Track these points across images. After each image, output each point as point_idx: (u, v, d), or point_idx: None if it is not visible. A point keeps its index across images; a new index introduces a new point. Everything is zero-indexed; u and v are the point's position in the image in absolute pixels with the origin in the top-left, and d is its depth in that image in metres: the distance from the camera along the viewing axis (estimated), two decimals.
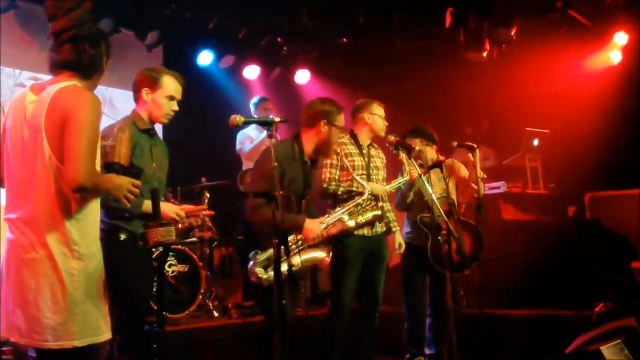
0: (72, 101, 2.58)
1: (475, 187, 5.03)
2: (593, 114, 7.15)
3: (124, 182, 2.76)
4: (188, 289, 5.68)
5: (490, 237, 5.66)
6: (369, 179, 4.71)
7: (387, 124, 4.91)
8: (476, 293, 5.25)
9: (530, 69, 7.49)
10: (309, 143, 4.22)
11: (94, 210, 2.70)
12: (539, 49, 7.38)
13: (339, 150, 4.66)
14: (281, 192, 3.53)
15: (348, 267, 4.57)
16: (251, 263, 3.96)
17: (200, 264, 5.83)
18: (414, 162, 4.60)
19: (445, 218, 4.34)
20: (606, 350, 3.94)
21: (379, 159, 4.92)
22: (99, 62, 2.77)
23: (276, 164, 3.54)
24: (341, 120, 4.30)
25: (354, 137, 4.86)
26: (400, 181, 4.88)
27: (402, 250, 4.99)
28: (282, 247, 3.51)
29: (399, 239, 4.97)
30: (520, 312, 5.80)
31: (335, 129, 4.24)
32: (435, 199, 4.52)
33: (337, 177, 4.67)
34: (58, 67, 2.71)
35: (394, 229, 4.93)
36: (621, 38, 7.37)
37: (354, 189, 4.59)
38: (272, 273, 3.87)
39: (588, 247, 6.35)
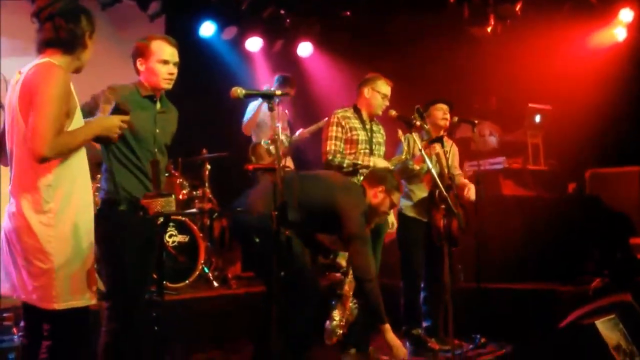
0: (39, 77, 2.70)
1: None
2: (596, 90, 7.12)
3: (113, 122, 2.91)
4: (188, 259, 5.73)
5: (490, 212, 5.69)
6: (371, 154, 4.74)
7: (387, 103, 4.86)
8: (474, 267, 5.28)
9: (534, 45, 7.45)
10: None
11: (70, 178, 2.78)
12: (543, 25, 7.33)
13: (343, 123, 4.70)
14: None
15: None
16: (327, 324, 4.15)
17: (200, 235, 5.87)
18: (414, 136, 4.55)
19: (445, 193, 4.35)
20: (600, 324, 3.96)
21: (379, 135, 4.93)
22: (79, 37, 2.83)
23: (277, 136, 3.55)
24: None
25: (357, 111, 4.86)
26: (400, 159, 4.87)
27: (394, 229, 5.00)
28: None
29: (392, 219, 4.97)
30: (518, 286, 5.83)
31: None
32: (435, 173, 4.49)
33: (341, 150, 4.68)
34: (41, 46, 2.82)
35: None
36: (626, 15, 7.32)
37: (359, 162, 4.63)
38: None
39: (587, 223, 6.38)
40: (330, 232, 4.24)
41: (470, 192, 5.08)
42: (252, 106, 6.64)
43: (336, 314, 4.16)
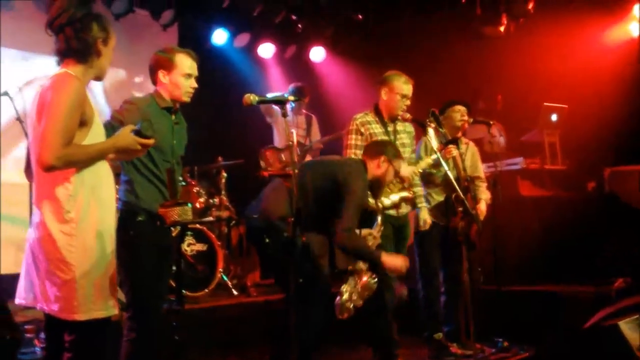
0: (52, 87, 2.71)
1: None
2: (612, 87, 7.04)
3: (131, 144, 2.85)
4: (206, 267, 5.73)
5: (508, 213, 5.65)
6: None
7: (408, 102, 4.70)
8: (493, 269, 5.23)
9: (547, 43, 7.38)
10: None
11: (89, 187, 2.77)
12: (556, 23, 7.26)
13: (362, 130, 4.61)
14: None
15: (386, 244, 4.50)
16: (337, 299, 4.09)
17: (218, 243, 5.87)
18: (429, 138, 4.52)
19: (462, 196, 4.32)
20: (624, 325, 3.92)
21: (405, 134, 4.79)
22: (91, 45, 2.81)
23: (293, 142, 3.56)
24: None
25: (378, 112, 4.71)
26: (428, 162, 4.74)
27: (427, 226, 4.88)
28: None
29: (425, 216, 4.86)
30: (538, 288, 5.78)
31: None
32: (451, 175, 4.44)
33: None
34: (58, 57, 2.82)
35: (419, 205, 4.84)
36: None
37: None
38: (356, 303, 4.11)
39: (607, 223, 6.30)
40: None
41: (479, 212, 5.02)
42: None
43: (345, 289, 4.07)
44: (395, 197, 4.42)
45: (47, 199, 2.73)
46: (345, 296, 4.03)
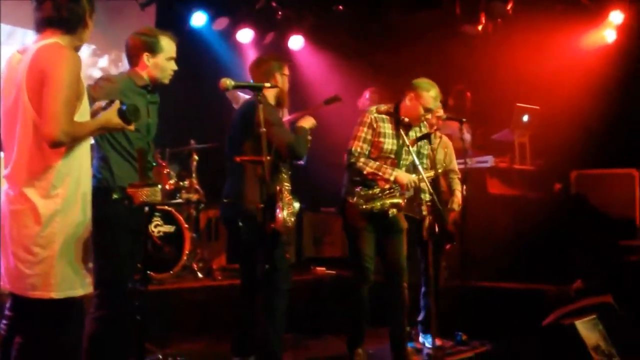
0: (50, 59, 2.64)
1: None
2: (584, 92, 7.15)
3: (116, 125, 2.86)
4: (173, 249, 5.72)
5: (476, 210, 5.71)
6: (398, 165, 4.53)
7: (429, 117, 4.59)
8: (459, 265, 5.31)
9: (524, 45, 7.47)
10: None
11: (77, 162, 2.75)
12: (534, 25, 7.35)
13: (375, 126, 4.49)
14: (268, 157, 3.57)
15: (359, 234, 4.52)
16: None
17: (186, 225, 5.86)
18: (402, 132, 4.52)
19: (431, 190, 4.35)
20: (580, 324, 4.01)
21: (425, 146, 4.64)
22: (81, 16, 2.78)
23: (264, 129, 3.56)
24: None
25: (396, 112, 4.50)
26: (430, 175, 4.54)
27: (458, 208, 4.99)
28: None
29: (457, 200, 4.93)
30: (502, 285, 5.87)
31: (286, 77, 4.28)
32: (422, 170, 4.45)
33: (366, 153, 4.50)
34: (41, 25, 2.76)
35: (424, 212, 4.75)
36: (616, 17, 7.36)
37: (379, 173, 4.44)
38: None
39: (571, 224, 6.42)
40: None
41: (454, 204, 5.10)
42: None
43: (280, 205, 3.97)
44: (386, 203, 4.41)
45: (33, 173, 2.67)
46: (285, 212, 3.96)
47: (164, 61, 3.59)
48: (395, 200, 4.43)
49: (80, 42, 2.84)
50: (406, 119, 4.46)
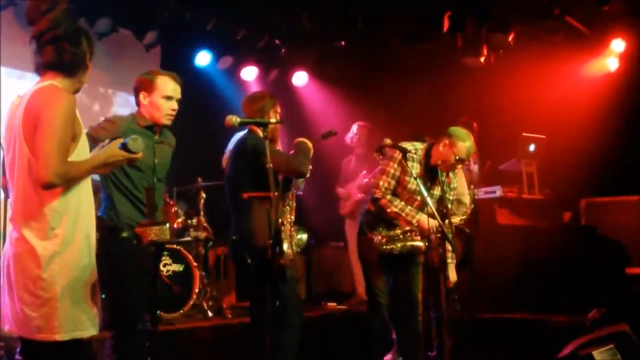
0: (44, 101, 2.66)
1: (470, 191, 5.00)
2: (589, 120, 7.17)
3: (119, 159, 2.84)
4: (182, 288, 5.69)
5: (485, 241, 5.68)
6: (421, 208, 4.51)
7: (459, 166, 4.55)
8: (469, 297, 5.25)
9: (527, 75, 7.52)
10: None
11: (74, 202, 2.74)
12: (536, 55, 7.41)
13: (403, 163, 4.45)
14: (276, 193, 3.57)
15: (373, 267, 4.56)
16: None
17: (195, 264, 5.83)
18: (408, 164, 4.51)
19: (440, 221, 4.32)
20: (598, 354, 3.95)
21: (448, 188, 4.60)
22: (81, 59, 2.82)
23: (271, 165, 3.57)
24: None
25: (427, 156, 4.46)
26: (456, 220, 4.56)
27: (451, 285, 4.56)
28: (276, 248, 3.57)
29: (452, 275, 4.53)
30: (514, 316, 5.80)
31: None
32: (430, 201, 4.43)
33: (392, 189, 4.50)
34: (42, 69, 2.79)
35: (448, 259, 4.51)
36: (618, 45, 7.40)
37: (403, 214, 4.45)
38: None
39: (582, 253, 6.36)
40: None
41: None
42: None
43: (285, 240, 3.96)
44: (407, 245, 4.45)
45: (30, 214, 2.67)
46: (286, 245, 3.94)
47: (159, 100, 3.60)
48: (416, 244, 4.45)
49: (80, 85, 2.87)
50: (438, 163, 4.44)
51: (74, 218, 2.71)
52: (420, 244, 4.44)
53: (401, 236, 4.45)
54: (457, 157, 4.43)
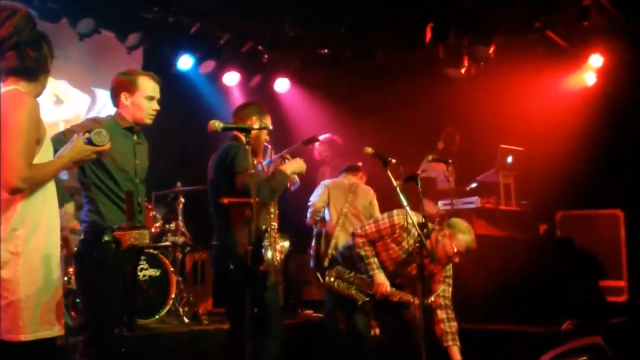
0: (8, 105, 2.66)
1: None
2: (566, 133, 7.25)
3: (85, 151, 2.86)
4: (158, 293, 5.65)
5: None
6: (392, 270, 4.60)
7: (456, 260, 4.47)
8: None
9: (506, 87, 7.59)
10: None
11: (38, 205, 2.73)
12: (516, 68, 7.48)
13: (397, 232, 4.48)
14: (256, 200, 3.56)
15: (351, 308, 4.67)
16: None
17: (172, 269, 5.80)
18: (389, 174, 4.52)
19: (420, 231, 4.33)
20: None
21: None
22: (43, 63, 2.82)
23: (253, 170, 3.57)
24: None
25: (426, 238, 4.12)
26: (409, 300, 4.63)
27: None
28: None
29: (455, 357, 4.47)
30: (489, 327, 5.84)
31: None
32: (409, 211, 4.44)
33: (374, 239, 4.55)
34: (4, 74, 2.77)
35: (449, 342, 4.55)
36: (596, 60, 7.50)
37: (365, 262, 4.52)
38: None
39: (557, 265, 6.43)
40: None
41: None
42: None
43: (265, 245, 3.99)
44: (352, 292, 4.57)
45: None
46: (270, 252, 4.00)
47: (141, 100, 3.59)
48: (359, 296, 4.55)
49: (42, 89, 2.87)
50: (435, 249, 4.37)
51: (36, 220, 2.72)
52: (364, 298, 4.55)
53: (352, 280, 4.55)
54: (459, 252, 4.42)
